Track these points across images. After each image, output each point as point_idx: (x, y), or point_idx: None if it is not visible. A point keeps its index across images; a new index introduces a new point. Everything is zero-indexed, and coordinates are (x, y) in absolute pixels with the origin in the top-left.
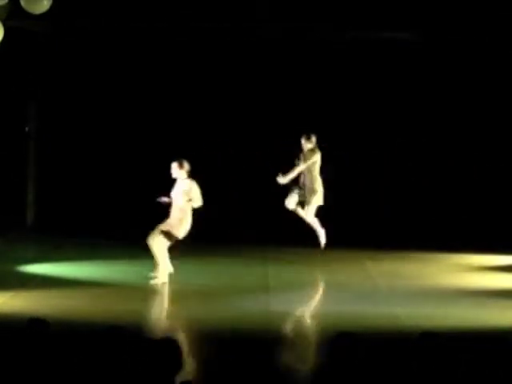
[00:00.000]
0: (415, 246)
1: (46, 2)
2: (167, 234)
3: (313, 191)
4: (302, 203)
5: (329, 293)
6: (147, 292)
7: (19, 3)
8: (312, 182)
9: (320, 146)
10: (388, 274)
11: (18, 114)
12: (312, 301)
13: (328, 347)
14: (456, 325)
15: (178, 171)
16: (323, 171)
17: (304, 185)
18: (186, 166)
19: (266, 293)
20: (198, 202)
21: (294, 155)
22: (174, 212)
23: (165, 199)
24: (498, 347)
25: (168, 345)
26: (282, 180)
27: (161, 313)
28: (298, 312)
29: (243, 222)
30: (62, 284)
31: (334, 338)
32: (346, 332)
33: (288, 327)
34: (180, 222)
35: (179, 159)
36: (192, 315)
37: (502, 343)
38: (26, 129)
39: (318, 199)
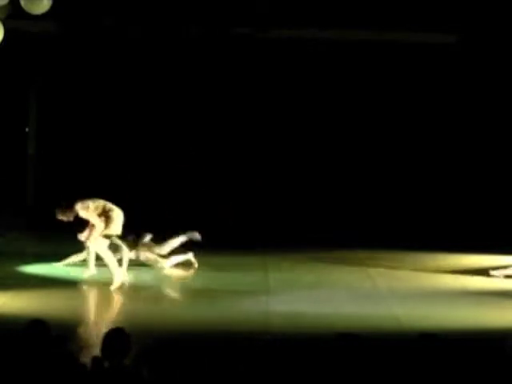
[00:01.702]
0: (414, 246)
1: (46, 3)
2: None
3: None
4: None
5: (328, 293)
6: (148, 292)
7: (19, 4)
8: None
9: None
10: (387, 274)
11: (19, 114)
12: (311, 301)
13: (327, 348)
14: (455, 325)
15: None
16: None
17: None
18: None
19: (265, 294)
20: None
21: (296, 156)
22: None
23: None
24: (497, 347)
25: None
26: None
27: (161, 313)
28: (297, 312)
29: (243, 223)
30: (62, 284)
31: (333, 338)
32: (345, 332)
33: (287, 328)
34: None
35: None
36: (192, 315)
37: (500, 343)
38: (26, 129)
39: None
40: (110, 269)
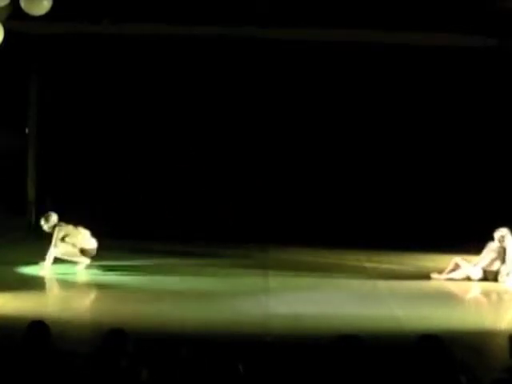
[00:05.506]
0: (414, 247)
1: (46, 4)
2: None
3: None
4: None
5: (328, 294)
6: (148, 293)
7: (19, 5)
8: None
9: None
10: (387, 274)
11: (19, 114)
12: (311, 302)
13: (327, 349)
14: (456, 326)
15: None
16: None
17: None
18: None
19: (265, 294)
20: None
21: (296, 156)
22: None
23: None
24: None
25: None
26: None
27: (160, 313)
28: (297, 313)
29: (243, 222)
30: (62, 284)
31: (333, 339)
32: (345, 334)
33: (286, 329)
34: None
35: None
36: (191, 316)
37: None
38: (26, 130)
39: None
40: None
